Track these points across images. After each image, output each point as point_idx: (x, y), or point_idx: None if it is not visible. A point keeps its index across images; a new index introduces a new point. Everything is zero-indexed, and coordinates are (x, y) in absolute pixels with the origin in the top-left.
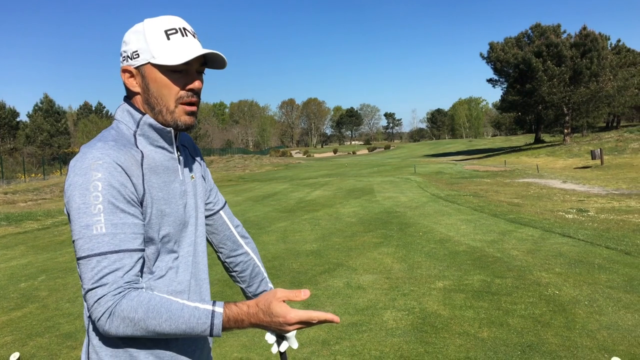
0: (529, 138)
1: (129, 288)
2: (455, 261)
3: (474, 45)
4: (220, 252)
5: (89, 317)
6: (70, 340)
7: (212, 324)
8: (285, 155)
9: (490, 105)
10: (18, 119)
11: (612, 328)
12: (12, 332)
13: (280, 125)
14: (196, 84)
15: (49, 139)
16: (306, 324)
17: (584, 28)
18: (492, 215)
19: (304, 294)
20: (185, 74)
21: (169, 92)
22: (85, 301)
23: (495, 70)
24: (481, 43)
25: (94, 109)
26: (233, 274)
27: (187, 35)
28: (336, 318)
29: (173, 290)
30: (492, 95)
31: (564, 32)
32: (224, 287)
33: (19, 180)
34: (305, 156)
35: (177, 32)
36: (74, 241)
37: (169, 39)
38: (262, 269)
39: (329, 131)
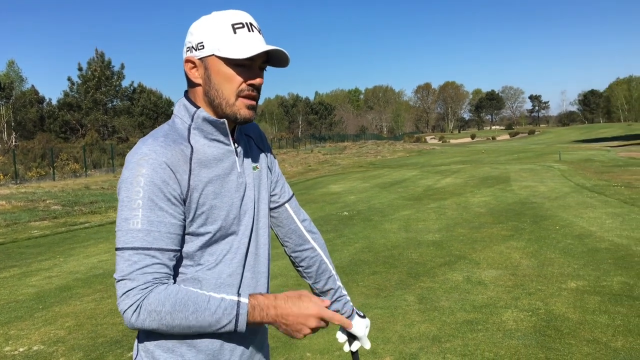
0: None
1: (157, 283)
2: (593, 259)
3: (636, 17)
4: (286, 246)
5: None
6: None
7: (237, 314)
8: (420, 141)
9: None
10: None
11: None
12: None
13: (415, 111)
14: (258, 80)
15: None
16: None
17: None
18: None
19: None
20: (248, 68)
21: (231, 85)
22: (116, 290)
23: None
24: None
25: None
26: (299, 269)
27: (253, 31)
28: (350, 324)
29: (222, 283)
30: None
31: None
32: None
33: None
34: (440, 142)
35: (243, 26)
36: (116, 231)
37: (235, 32)
38: (330, 266)
39: (467, 116)
